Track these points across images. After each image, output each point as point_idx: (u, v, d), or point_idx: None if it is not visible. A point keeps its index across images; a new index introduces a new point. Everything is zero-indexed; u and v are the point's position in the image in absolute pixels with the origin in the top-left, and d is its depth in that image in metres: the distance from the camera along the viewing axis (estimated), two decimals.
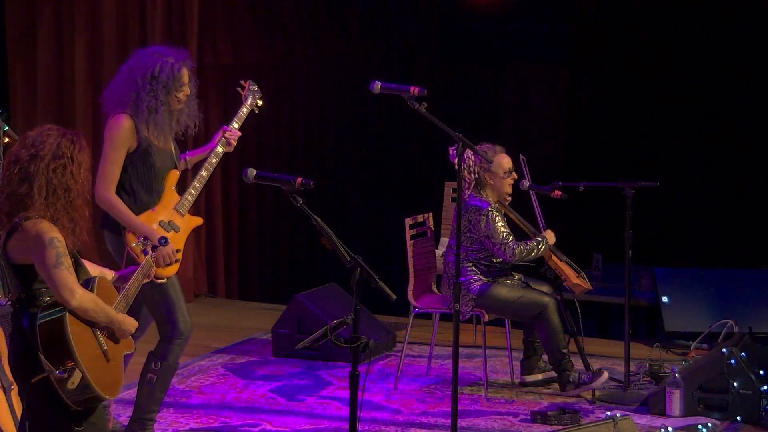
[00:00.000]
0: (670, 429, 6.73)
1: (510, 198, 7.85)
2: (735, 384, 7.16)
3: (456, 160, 6.25)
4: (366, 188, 12.55)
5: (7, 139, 6.54)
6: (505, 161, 7.78)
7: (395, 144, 12.78)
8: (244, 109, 6.52)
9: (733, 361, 7.19)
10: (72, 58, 9.64)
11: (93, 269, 5.02)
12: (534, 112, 13.12)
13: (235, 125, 6.43)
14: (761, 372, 7.28)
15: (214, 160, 6.35)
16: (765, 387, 7.15)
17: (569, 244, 8.45)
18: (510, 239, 7.63)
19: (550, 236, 7.82)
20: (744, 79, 11.92)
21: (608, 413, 6.39)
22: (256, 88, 6.58)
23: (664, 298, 9.31)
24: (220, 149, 6.37)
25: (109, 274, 5.15)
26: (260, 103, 6.57)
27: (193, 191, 6.27)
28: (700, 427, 6.90)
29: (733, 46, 11.93)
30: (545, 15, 12.87)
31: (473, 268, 7.71)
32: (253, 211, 11.29)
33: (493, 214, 7.65)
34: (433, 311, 8.00)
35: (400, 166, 12.86)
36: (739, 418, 7.15)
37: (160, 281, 6.05)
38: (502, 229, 7.64)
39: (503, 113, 13.18)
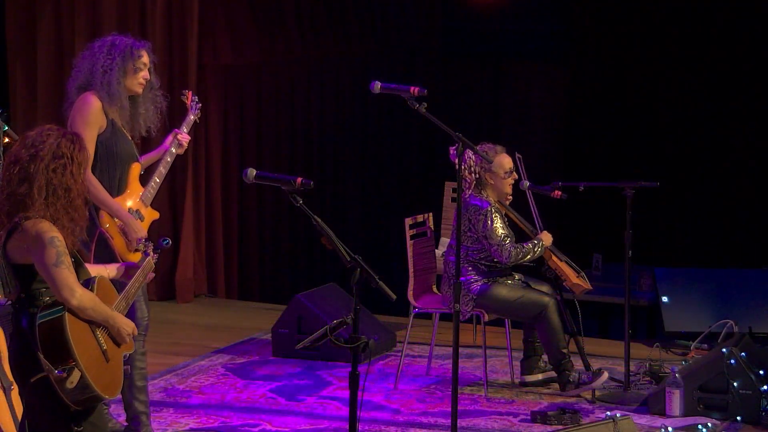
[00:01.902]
0: (670, 429, 6.73)
1: (511, 198, 7.85)
2: (735, 384, 7.15)
3: (456, 160, 6.25)
4: (366, 188, 12.54)
5: (7, 139, 6.54)
6: (505, 161, 7.78)
7: (395, 144, 12.78)
8: (192, 117, 6.77)
9: (733, 361, 7.19)
10: (72, 58, 9.62)
11: (93, 270, 5.02)
12: (534, 112, 13.12)
13: (185, 130, 6.67)
14: (761, 372, 7.28)
15: (169, 159, 6.56)
16: (765, 387, 7.14)
17: (569, 244, 8.45)
18: (507, 241, 7.63)
19: (547, 238, 7.81)
20: (744, 79, 11.92)
21: (608, 413, 6.38)
22: (197, 100, 6.83)
23: (664, 298, 9.31)
24: (173, 150, 6.59)
25: (112, 270, 5.16)
26: (199, 114, 6.83)
27: (154, 185, 6.45)
28: (700, 427, 6.90)
29: (733, 46, 11.92)
30: (545, 15, 12.87)
31: (473, 268, 7.71)
32: (253, 211, 11.28)
33: (492, 214, 7.65)
34: (433, 311, 8.00)
35: (400, 166, 12.86)
36: (739, 418, 7.15)
37: None
38: (500, 231, 7.63)
39: (503, 113, 13.18)
